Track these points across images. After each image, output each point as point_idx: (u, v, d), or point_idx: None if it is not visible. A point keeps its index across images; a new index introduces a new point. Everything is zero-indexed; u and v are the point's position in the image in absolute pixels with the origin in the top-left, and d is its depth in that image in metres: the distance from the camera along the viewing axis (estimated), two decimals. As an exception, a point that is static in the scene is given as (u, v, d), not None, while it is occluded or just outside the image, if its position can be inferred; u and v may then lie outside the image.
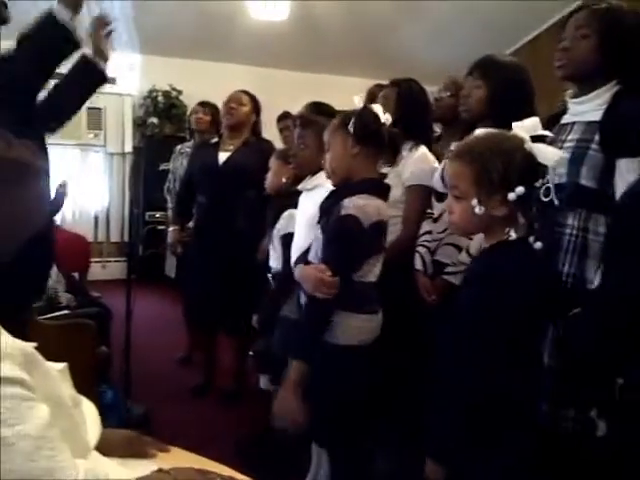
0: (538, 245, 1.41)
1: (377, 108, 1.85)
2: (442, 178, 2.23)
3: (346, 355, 1.80)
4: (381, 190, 1.87)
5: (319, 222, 1.89)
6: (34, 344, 0.81)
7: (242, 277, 3.07)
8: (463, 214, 1.42)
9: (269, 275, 2.56)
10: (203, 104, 4.25)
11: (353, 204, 1.74)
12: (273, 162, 2.61)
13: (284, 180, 2.51)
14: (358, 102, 1.88)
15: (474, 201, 1.37)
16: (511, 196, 1.34)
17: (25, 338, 0.80)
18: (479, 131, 1.52)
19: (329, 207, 1.83)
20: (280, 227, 2.44)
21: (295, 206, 2.37)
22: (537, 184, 1.40)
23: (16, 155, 0.80)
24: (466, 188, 1.39)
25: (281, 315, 2.35)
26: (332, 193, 1.88)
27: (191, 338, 3.97)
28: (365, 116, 1.82)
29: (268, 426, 2.61)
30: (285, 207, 2.46)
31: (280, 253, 2.43)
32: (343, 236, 1.77)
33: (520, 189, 1.33)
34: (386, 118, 1.84)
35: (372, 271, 1.85)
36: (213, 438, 2.74)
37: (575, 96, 1.82)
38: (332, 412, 1.81)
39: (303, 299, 1.93)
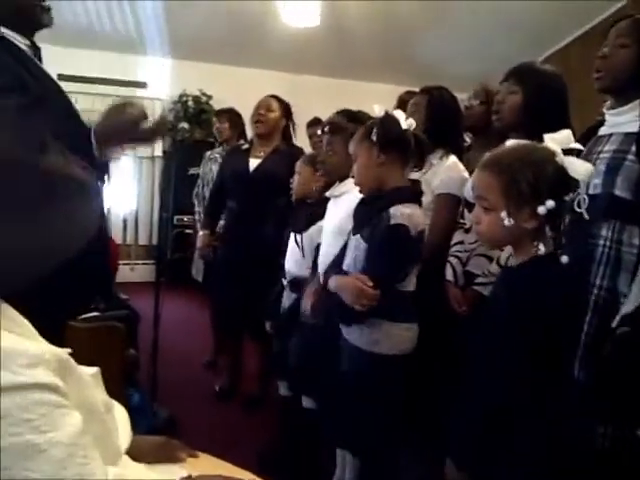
0: (564, 259, 1.38)
1: (398, 114, 1.84)
2: (473, 188, 2.20)
3: (387, 364, 1.80)
4: (417, 197, 1.87)
5: (355, 231, 1.87)
6: (68, 350, 0.82)
7: (269, 283, 3.07)
8: (491, 225, 1.40)
9: (284, 280, 2.54)
10: (218, 113, 4.29)
11: (401, 213, 1.74)
12: (302, 168, 2.58)
13: (314, 188, 2.49)
14: (379, 111, 1.87)
15: (503, 213, 1.34)
16: (541, 210, 1.31)
17: (62, 343, 0.81)
18: (509, 142, 1.50)
19: (368, 216, 1.82)
20: (313, 234, 2.42)
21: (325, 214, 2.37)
22: (567, 198, 1.38)
23: (74, 172, 0.81)
24: (495, 199, 1.37)
25: (301, 320, 2.35)
26: (364, 201, 1.87)
27: (217, 342, 3.99)
28: (387, 124, 1.82)
29: (289, 432, 2.61)
30: (314, 214, 2.44)
31: (309, 260, 2.42)
32: (394, 246, 1.76)
33: (551, 203, 1.31)
34: (409, 123, 1.83)
35: (412, 280, 1.85)
36: (236, 443, 2.74)
37: (612, 107, 1.79)
38: (369, 420, 1.81)
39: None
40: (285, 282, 2.53)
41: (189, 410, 3.11)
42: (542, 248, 1.36)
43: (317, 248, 2.37)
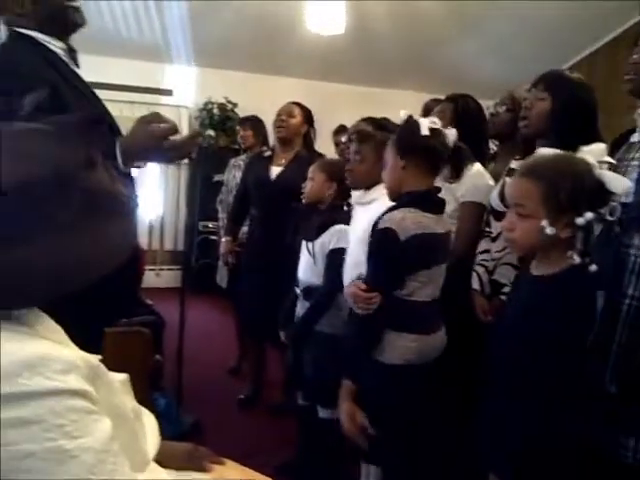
0: (593, 268, 1.37)
1: (423, 121, 1.81)
2: (500, 196, 2.19)
3: (390, 374, 1.78)
4: (429, 202, 1.84)
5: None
6: (99, 356, 0.83)
7: (291, 290, 3.07)
8: (527, 232, 1.40)
9: (297, 288, 2.53)
10: (242, 122, 4.32)
11: (390, 217, 1.74)
12: (315, 174, 2.53)
13: (327, 195, 2.48)
14: (403, 115, 1.86)
15: (544, 222, 1.35)
16: (580, 221, 1.32)
17: (98, 350, 0.82)
18: (544, 150, 1.49)
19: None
20: (325, 241, 2.40)
21: (340, 221, 2.37)
22: (602, 210, 1.38)
23: (118, 189, 0.83)
24: (533, 207, 1.37)
25: (316, 330, 2.35)
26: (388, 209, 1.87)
27: (241, 349, 4.01)
28: (405, 129, 1.82)
29: (308, 441, 2.60)
30: (326, 221, 2.44)
31: (321, 267, 2.41)
32: (379, 250, 1.77)
33: (589, 215, 1.32)
34: (451, 133, 1.82)
35: (422, 290, 1.80)
36: (259, 450, 2.74)
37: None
38: (381, 430, 1.79)
39: None
40: (298, 291, 2.52)
41: (212, 416, 3.12)
42: (577, 258, 1.36)
43: (329, 255, 2.36)
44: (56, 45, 1.63)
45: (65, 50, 1.66)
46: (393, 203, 1.88)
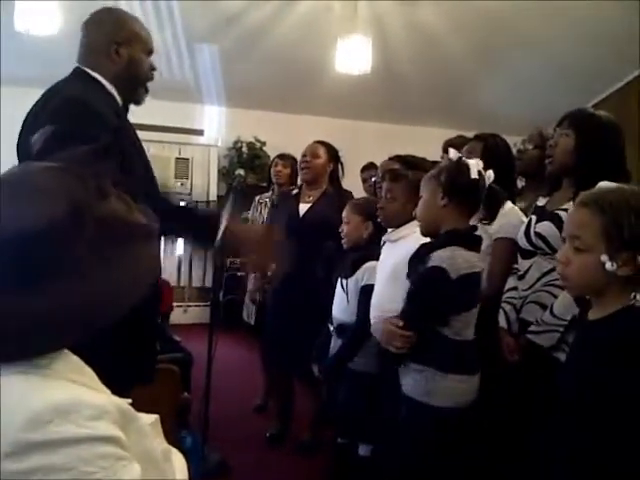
0: None
1: (473, 163, 1.84)
2: (526, 234, 2.18)
3: (440, 416, 1.75)
4: (471, 241, 1.85)
5: (408, 276, 1.87)
6: (129, 400, 0.83)
7: (319, 327, 3.06)
8: (583, 268, 1.28)
9: (330, 325, 2.53)
10: (282, 157, 4.35)
11: (440, 255, 1.74)
12: (350, 217, 2.56)
13: (364, 236, 2.50)
14: (453, 155, 1.88)
15: (604, 256, 1.23)
16: None
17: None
18: (605, 183, 1.38)
19: (418, 261, 1.82)
20: (358, 278, 2.42)
21: (374, 258, 2.37)
22: None
23: (134, 218, 0.83)
24: (591, 240, 1.26)
25: (349, 367, 2.34)
26: (422, 247, 1.87)
27: (267, 386, 3.98)
28: (455, 170, 1.83)
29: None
30: (361, 258, 2.45)
31: (354, 305, 2.41)
32: (426, 288, 1.76)
33: None
34: (488, 175, 1.83)
35: (468, 328, 1.80)
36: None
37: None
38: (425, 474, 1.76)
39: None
40: (332, 328, 2.53)
41: (239, 454, 3.08)
42: None
43: (361, 291, 2.37)
44: (118, 99, 1.76)
45: (121, 105, 1.80)
46: (424, 240, 1.89)
